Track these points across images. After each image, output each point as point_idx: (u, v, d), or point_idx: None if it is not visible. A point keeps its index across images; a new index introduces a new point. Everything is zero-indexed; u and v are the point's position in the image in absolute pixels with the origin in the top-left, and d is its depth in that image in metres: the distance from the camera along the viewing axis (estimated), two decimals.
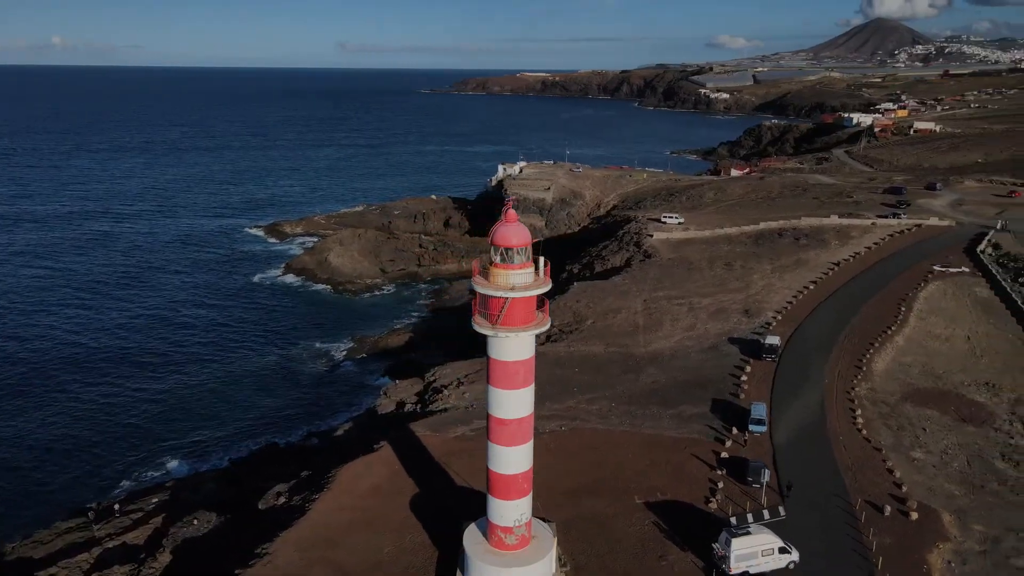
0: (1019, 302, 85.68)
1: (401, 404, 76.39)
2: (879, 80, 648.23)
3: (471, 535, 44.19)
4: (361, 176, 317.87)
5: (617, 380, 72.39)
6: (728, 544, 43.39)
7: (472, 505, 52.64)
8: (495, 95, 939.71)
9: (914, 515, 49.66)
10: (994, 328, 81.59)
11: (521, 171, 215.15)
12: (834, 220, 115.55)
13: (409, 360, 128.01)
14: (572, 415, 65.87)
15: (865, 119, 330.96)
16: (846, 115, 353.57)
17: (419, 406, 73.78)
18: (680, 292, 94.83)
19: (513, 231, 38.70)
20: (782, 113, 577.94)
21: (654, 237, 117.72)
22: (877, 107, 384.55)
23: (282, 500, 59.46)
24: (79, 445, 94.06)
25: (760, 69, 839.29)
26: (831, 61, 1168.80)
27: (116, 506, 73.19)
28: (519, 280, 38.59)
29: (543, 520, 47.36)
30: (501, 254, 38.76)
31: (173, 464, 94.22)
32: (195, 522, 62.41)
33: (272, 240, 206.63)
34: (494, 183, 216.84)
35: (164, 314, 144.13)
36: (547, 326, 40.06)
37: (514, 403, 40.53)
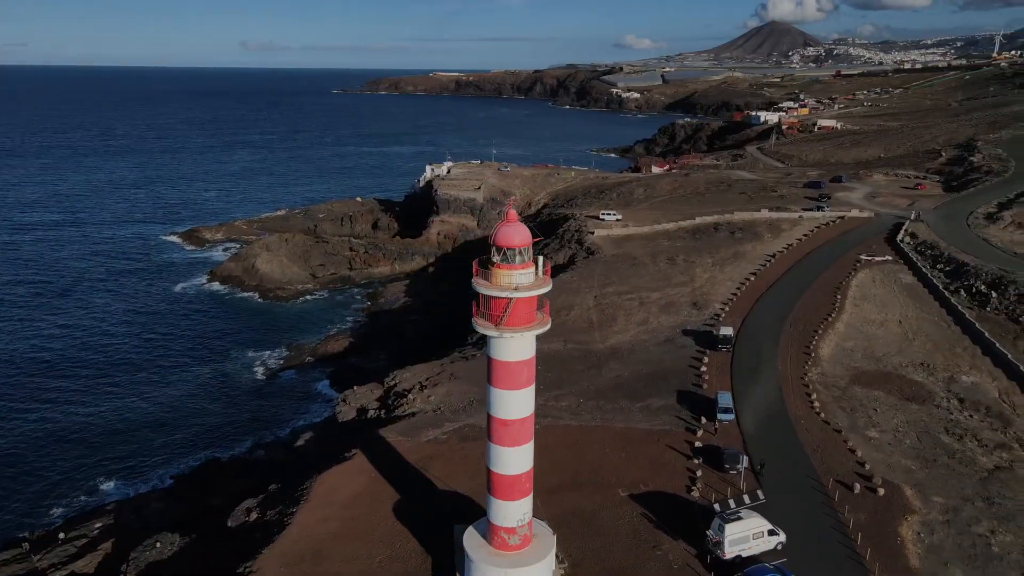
0: (940, 287, 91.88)
1: (363, 410, 74.87)
2: (778, 80, 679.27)
3: (471, 538, 43.87)
4: (280, 179, 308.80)
5: (581, 376, 73.31)
6: (722, 530, 44.76)
7: (459, 508, 52.41)
8: (409, 95, 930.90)
9: (881, 491, 52.58)
10: (921, 312, 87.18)
11: (449, 171, 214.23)
12: (765, 214, 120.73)
13: (351, 366, 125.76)
14: (543, 412, 66.08)
15: (771, 117, 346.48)
16: (753, 113, 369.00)
17: (383, 412, 72.51)
18: (629, 287, 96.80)
19: (515, 231, 38.66)
20: (691, 111, 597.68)
21: (595, 234, 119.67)
22: (780, 106, 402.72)
23: (254, 516, 57.29)
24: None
25: (668, 69, 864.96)
26: (731, 62, 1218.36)
27: (61, 535, 68.69)
28: (522, 280, 38.60)
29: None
30: (503, 254, 38.63)
31: (108, 486, 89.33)
32: (157, 545, 59.38)
33: (191, 247, 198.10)
34: (422, 184, 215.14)
35: (82, 331, 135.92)
36: (548, 325, 40.23)
37: (517, 403, 40.55)
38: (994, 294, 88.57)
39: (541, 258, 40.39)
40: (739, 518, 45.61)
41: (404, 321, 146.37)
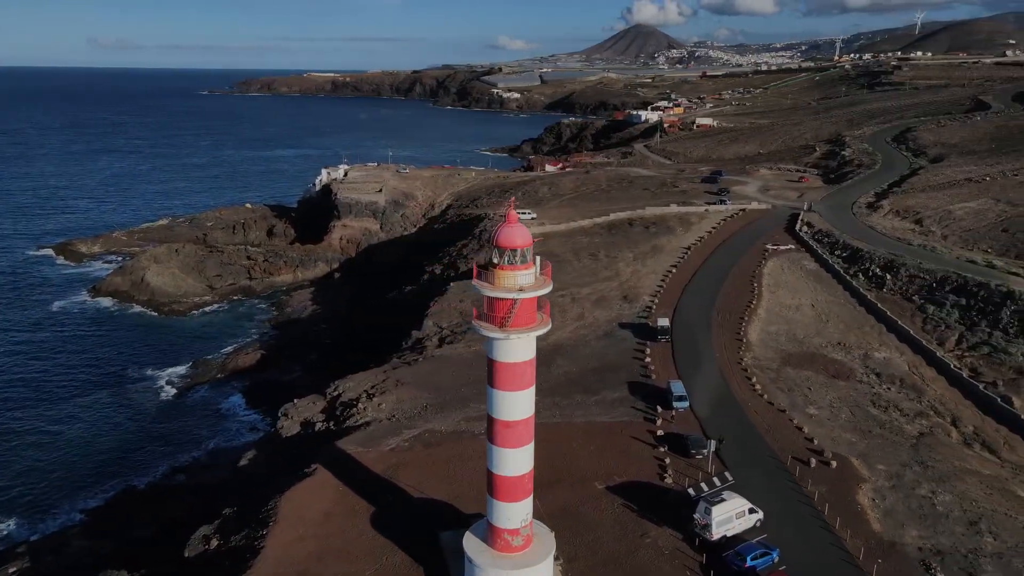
0: (841, 272, 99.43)
1: (308, 424, 72.07)
2: (650, 80, 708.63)
3: (472, 543, 43.40)
4: (157, 186, 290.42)
5: None
6: (709, 512, 46.63)
7: (440, 515, 51.73)
8: (283, 96, 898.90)
9: (834, 463, 56.47)
10: (829, 295, 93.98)
11: (346, 174, 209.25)
12: (674, 209, 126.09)
13: (266, 379, 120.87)
14: None
15: (652, 116, 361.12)
16: (634, 112, 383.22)
17: (332, 424, 70.10)
18: (559, 284, 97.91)
19: (517, 232, 38.62)
20: (570, 111, 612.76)
21: None
22: (657, 105, 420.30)
23: (215, 543, 53.98)
24: None
25: (545, 70, 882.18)
26: (602, 63, 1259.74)
27: None
28: (526, 281, 38.62)
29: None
30: (507, 256, 38.50)
31: (11, 527, 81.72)
32: None
33: (66, 262, 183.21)
34: (319, 188, 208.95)
35: None
36: (549, 325, 40.43)
37: (521, 404, 40.52)
38: (888, 276, 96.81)
39: (539, 258, 40.50)
40: (723, 500, 47.70)
41: (316, 330, 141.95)
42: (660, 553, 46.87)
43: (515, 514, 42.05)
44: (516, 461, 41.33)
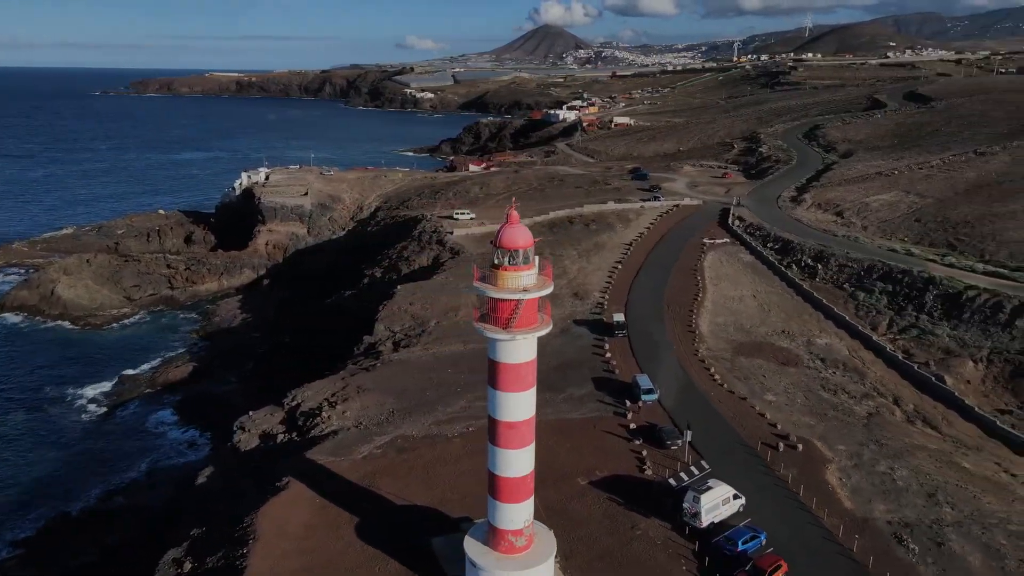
0: (776, 263, 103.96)
1: (268, 436, 69.52)
2: (562, 80, 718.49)
3: (474, 546, 43.07)
4: (56, 194, 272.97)
5: None
6: (698, 501, 47.91)
7: (428, 521, 51.02)
8: (184, 97, 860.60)
9: (799, 447, 59.06)
10: (768, 286, 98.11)
11: (268, 177, 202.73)
12: (611, 206, 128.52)
13: (200, 392, 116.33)
14: (472, 414, 65.98)
15: (570, 115, 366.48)
16: (552, 111, 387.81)
17: (294, 435, 67.93)
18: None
19: (519, 232, 38.58)
20: (484, 110, 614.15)
21: (454, 234, 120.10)
22: (573, 104, 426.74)
23: (188, 566, 51.36)
24: None
25: (458, 69, 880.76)
26: (512, 63, 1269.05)
27: None
28: (529, 281, 38.63)
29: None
30: (509, 256, 38.39)
31: None
32: None
33: None
34: (239, 192, 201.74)
35: None
36: (551, 325, 40.57)
37: (524, 405, 40.51)
38: (819, 266, 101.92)
39: (537, 258, 40.55)
40: (709, 488, 49.11)
41: (249, 338, 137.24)
42: (653, 544, 47.81)
43: (519, 515, 42.03)
44: (519, 462, 41.31)
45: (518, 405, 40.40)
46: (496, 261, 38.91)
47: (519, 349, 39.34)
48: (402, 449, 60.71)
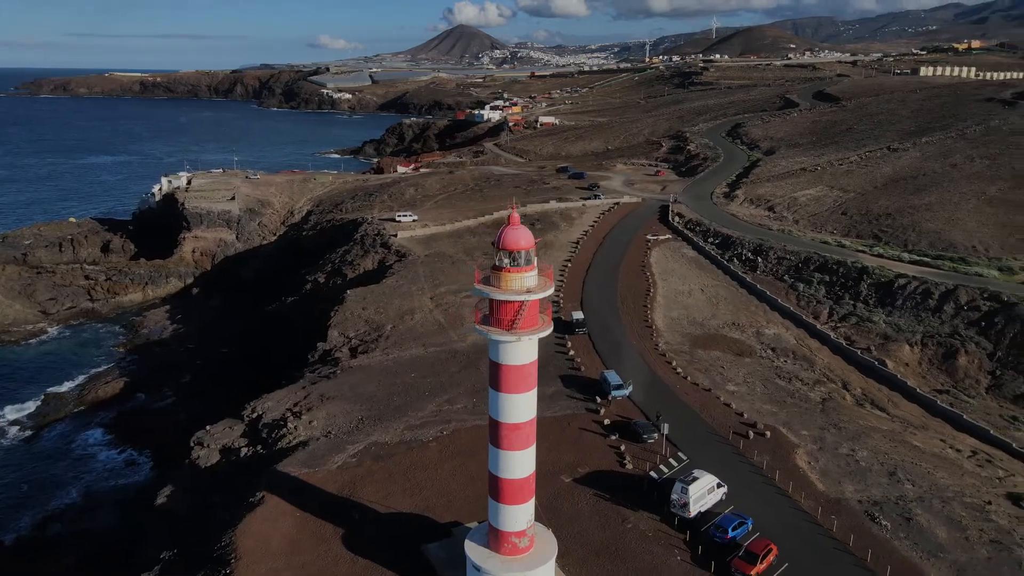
0: (718, 258, 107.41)
1: (230, 451, 66.89)
2: (481, 80, 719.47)
3: (476, 550, 42.82)
4: None
5: (461, 377, 73.43)
6: (686, 492, 49.11)
7: (417, 527, 50.47)
8: (83, 98, 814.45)
9: (767, 434, 61.33)
10: (713, 280, 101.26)
11: (190, 182, 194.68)
12: (554, 205, 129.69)
13: (135, 408, 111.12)
14: (443, 418, 65.54)
15: (495, 115, 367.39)
16: (476, 112, 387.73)
17: (260, 447, 65.63)
18: (460, 285, 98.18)
19: (521, 234, 38.60)
20: (404, 111, 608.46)
21: (398, 236, 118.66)
22: (496, 104, 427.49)
23: None
24: None
25: (375, 70, 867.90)
26: (428, 63, 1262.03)
27: None
28: (533, 282, 38.70)
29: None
30: (512, 257, 38.32)
31: None
32: None
33: None
34: (159, 198, 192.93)
35: None
36: (552, 326, 40.73)
37: (527, 406, 40.62)
38: (759, 259, 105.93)
39: (535, 259, 40.61)
40: (696, 478, 50.40)
41: (183, 350, 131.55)
42: (645, 536, 48.71)
43: (522, 516, 42.10)
44: (523, 463, 41.40)
45: (521, 406, 40.47)
46: (498, 263, 38.78)
47: (522, 350, 39.39)
48: (378, 457, 59.67)
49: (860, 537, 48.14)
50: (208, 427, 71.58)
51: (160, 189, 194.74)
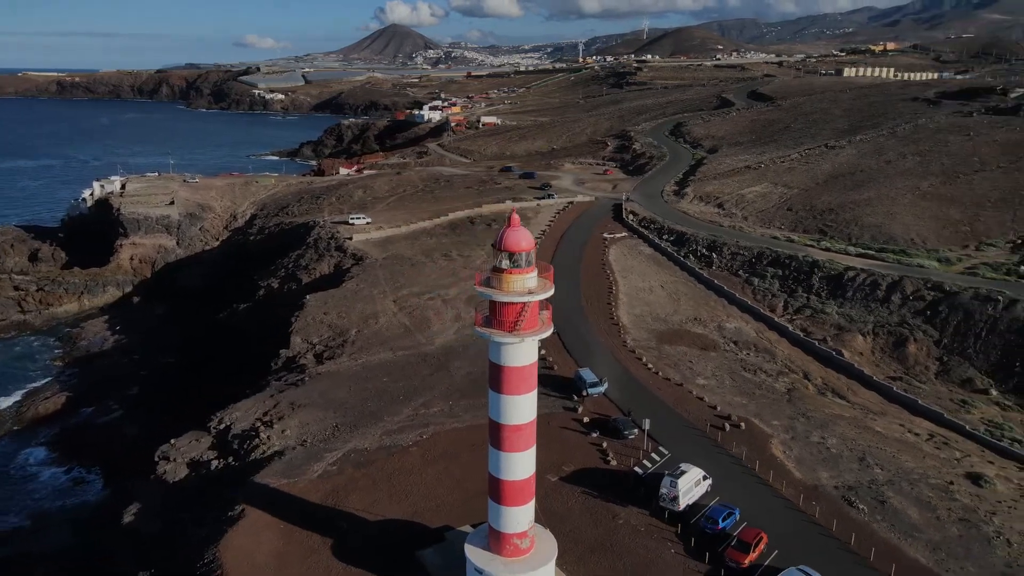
0: (675, 254, 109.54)
1: (199, 464, 64.62)
2: (417, 80, 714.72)
3: (478, 554, 42.57)
4: None
5: (434, 380, 72.84)
6: (675, 486, 49.96)
7: (408, 534, 49.86)
8: None
9: (742, 425, 62.92)
10: (672, 276, 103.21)
11: (124, 187, 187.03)
12: (509, 204, 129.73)
13: (80, 423, 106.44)
14: (421, 422, 64.91)
15: (435, 115, 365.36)
16: (416, 112, 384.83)
17: (231, 459, 63.62)
18: (422, 287, 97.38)
19: (522, 235, 38.64)
20: (339, 111, 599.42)
21: (354, 239, 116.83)
22: (435, 104, 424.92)
23: None
24: None
25: (308, 70, 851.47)
26: (361, 63, 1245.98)
27: None
28: (534, 283, 38.72)
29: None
30: (513, 259, 38.26)
31: None
32: None
33: None
34: (91, 203, 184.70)
35: None
36: (552, 326, 40.83)
37: (528, 407, 40.66)
38: (714, 255, 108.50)
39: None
40: (683, 472, 51.32)
41: (127, 361, 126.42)
42: (637, 531, 49.32)
43: (524, 517, 42.10)
44: (524, 464, 41.40)
45: (523, 407, 40.49)
46: (500, 264, 38.66)
47: (524, 352, 39.38)
48: (359, 464, 58.67)
49: (841, 521, 49.89)
50: (173, 440, 68.99)
51: (92, 194, 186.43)
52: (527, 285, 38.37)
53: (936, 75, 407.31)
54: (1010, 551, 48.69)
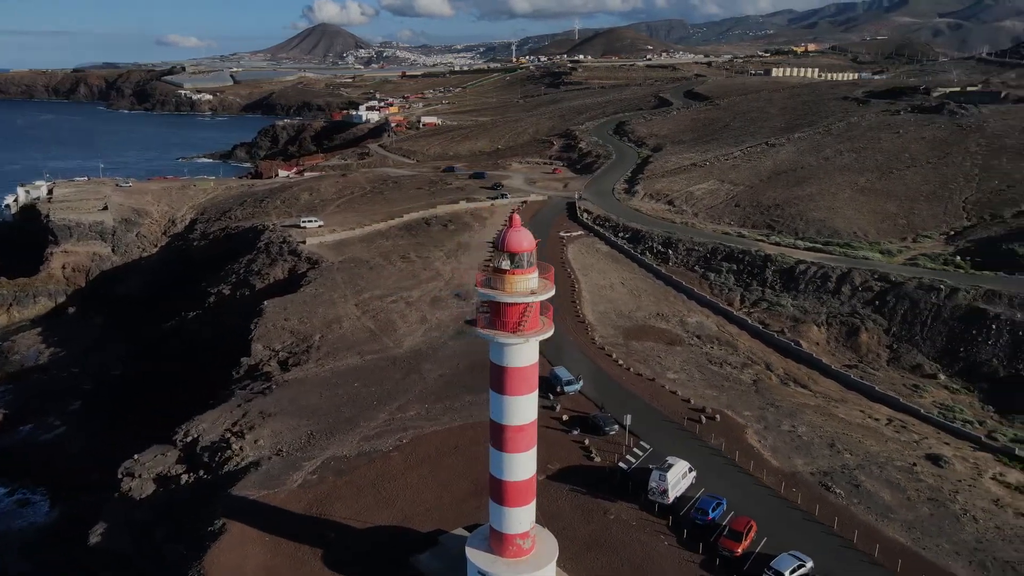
0: (632, 251, 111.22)
1: (168, 479, 62.14)
2: (350, 80, 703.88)
3: (480, 556, 42.34)
4: None
5: (407, 384, 72.01)
6: (664, 479, 50.79)
7: (400, 540, 49.25)
8: None
9: (717, 417, 64.40)
10: (631, 273, 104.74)
11: (51, 192, 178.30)
12: (464, 205, 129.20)
13: (20, 442, 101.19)
14: (399, 426, 64.11)
15: (373, 115, 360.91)
16: (354, 112, 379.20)
17: (201, 473, 61.45)
18: (384, 290, 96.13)
19: (524, 236, 38.59)
20: (271, 112, 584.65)
21: (307, 243, 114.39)
22: (372, 105, 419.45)
23: None
24: None
25: (235, 69, 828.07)
26: (290, 62, 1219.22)
27: None
28: (535, 284, 38.73)
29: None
30: (515, 260, 38.17)
31: None
32: None
33: None
34: (15, 210, 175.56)
35: None
36: (553, 327, 40.93)
37: (530, 407, 40.70)
38: (670, 252, 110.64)
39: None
40: (671, 465, 52.20)
41: (66, 375, 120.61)
42: (629, 526, 49.92)
43: (525, 517, 42.13)
44: (526, 464, 41.42)
45: (525, 408, 40.52)
46: (503, 265, 38.51)
47: (527, 352, 39.36)
48: (340, 471, 57.54)
49: (823, 506, 51.65)
50: (136, 456, 66.18)
51: (16, 200, 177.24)
52: (530, 286, 38.32)
53: (856, 75, 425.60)
54: (977, 527, 51.32)
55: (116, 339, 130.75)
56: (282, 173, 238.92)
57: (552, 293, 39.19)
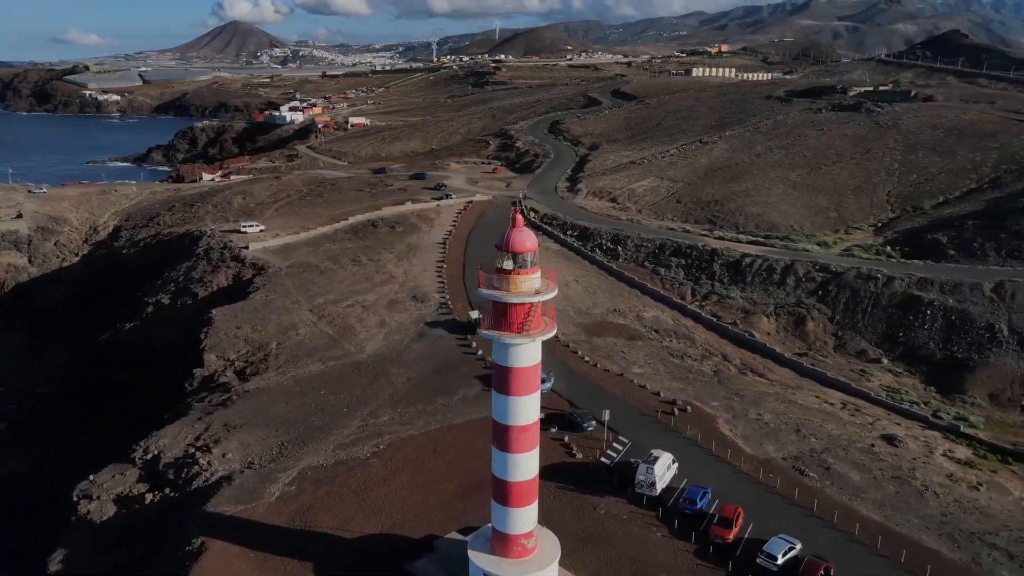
0: (582, 249, 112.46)
1: (129, 499, 59.00)
2: (269, 80, 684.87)
3: (484, 559, 42.07)
4: None
5: (375, 389, 70.71)
6: (651, 472, 51.68)
7: (391, 547, 48.41)
8: None
9: (688, 408, 65.90)
10: (583, 270, 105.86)
11: None
12: (409, 207, 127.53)
13: None
14: (373, 432, 62.94)
15: (298, 116, 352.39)
16: (277, 113, 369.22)
17: (168, 491, 58.66)
18: (338, 295, 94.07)
19: (526, 236, 38.52)
20: (185, 114, 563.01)
21: (251, 248, 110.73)
22: (296, 106, 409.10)
23: None
24: None
25: (144, 69, 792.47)
26: (200, 61, 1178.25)
27: None
28: (539, 283, 38.69)
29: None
30: (519, 260, 38.03)
31: None
32: None
33: None
34: None
35: None
36: (555, 327, 40.93)
37: (533, 407, 40.63)
38: (619, 248, 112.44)
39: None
40: (657, 457, 53.14)
41: (17, 388, 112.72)
42: (621, 520, 50.54)
43: (529, 517, 42.11)
44: (530, 464, 41.33)
45: (528, 408, 40.41)
46: (505, 266, 38.29)
47: (530, 352, 39.27)
48: (318, 481, 56.05)
49: (800, 490, 53.60)
50: (92, 477, 62.57)
51: None
52: (534, 286, 38.26)
53: (769, 75, 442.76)
54: (939, 502, 54.35)
55: (40, 354, 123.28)
56: (206, 176, 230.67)
57: (555, 293, 39.14)
